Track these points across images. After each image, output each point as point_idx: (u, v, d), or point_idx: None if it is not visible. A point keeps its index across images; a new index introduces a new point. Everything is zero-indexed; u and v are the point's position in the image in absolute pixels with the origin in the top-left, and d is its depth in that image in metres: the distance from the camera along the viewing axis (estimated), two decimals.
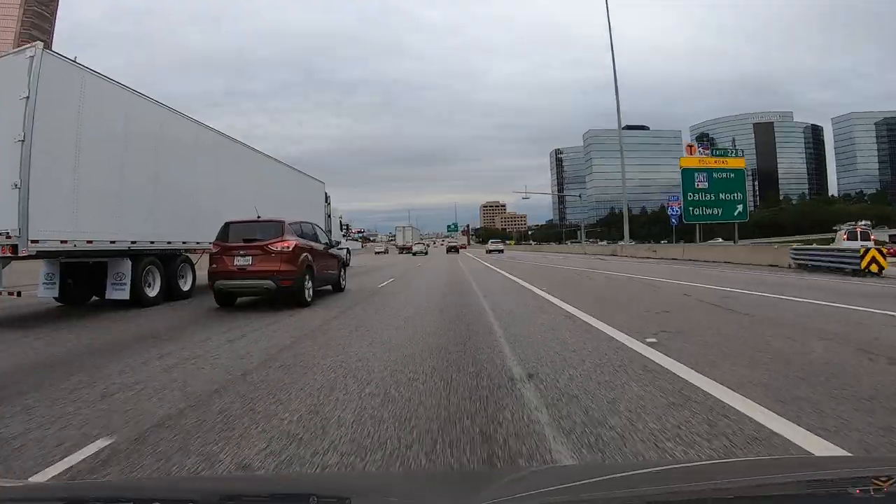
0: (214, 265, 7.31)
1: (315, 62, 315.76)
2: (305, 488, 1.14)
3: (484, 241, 57.27)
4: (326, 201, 19.85)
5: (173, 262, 9.16)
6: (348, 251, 23.04)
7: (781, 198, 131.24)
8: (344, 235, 23.87)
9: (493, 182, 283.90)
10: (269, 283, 6.97)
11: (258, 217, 7.80)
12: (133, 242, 7.94)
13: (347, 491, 1.04)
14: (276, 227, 7.34)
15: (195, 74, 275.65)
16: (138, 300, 7.97)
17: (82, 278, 8.42)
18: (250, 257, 7.04)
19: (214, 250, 7.36)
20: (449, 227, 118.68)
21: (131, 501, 0.97)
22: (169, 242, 9.00)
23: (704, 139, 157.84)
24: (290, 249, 7.15)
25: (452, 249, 46.92)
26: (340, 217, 23.22)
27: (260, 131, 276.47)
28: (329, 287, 9.58)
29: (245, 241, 7.22)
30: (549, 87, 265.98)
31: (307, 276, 7.52)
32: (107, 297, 7.99)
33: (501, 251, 40.90)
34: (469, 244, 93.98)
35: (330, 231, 18.96)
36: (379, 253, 50.27)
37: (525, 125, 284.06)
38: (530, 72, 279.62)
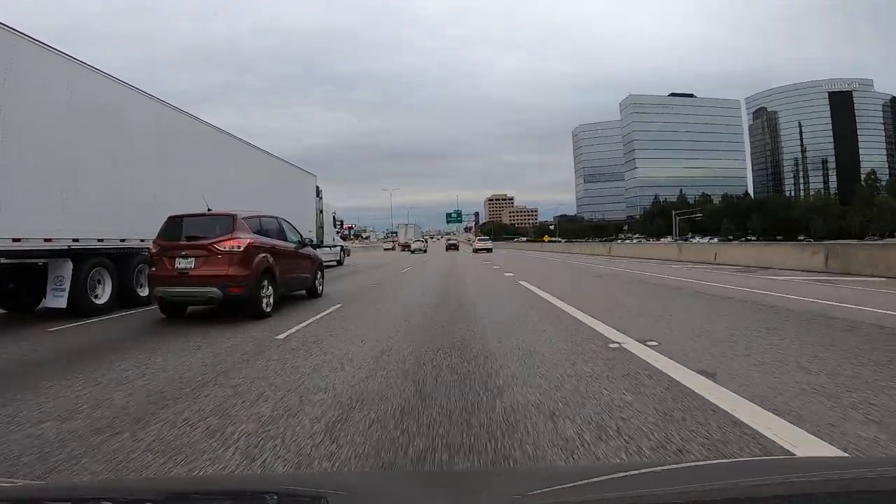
0: (154, 268, 6.71)
1: (314, 58, 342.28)
2: (279, 487, 1.18)
3: (491, 238, 57.04)
4: (318, 195, 19.57)
5: (129, 263, 8.68)
6: (342, 249, 23.67)
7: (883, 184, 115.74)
8: (338, 232, 23.92)
9: (495, 179, 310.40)
10: (214, 290, 6.28)
11: (209, 209, 7.14)
12: (75, 240, 7.40)
13: (324, 490, 1.07)
14: (226, 223, 6.64)
15: (192, 71, 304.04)
16: (82, 309, 7.48)
17: (29, 282, 8.01)
18: (193, 259, 6.37)
19: (154, 250, 6.74)
20: (449, 216, 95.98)
21: (126, 501, 1.03)
22: (122, 240, 8.53)
23: (763, 114, 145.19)
24: (241, 249, 6.44)
25: (452, 247, 50.49)
26: (334, 213, 23.01)
27: (256, 128, 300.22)
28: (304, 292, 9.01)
29: (188, 239, 6.58)
30: (549, 84, 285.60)
31: (265, 282, 6.80)
32: (45, 304, 7.51)
33: (490, 250, 41.82)
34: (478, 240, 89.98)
35: (322, 228, 19.41)
36: (387, 250, 58.20)
37: (525, 121, 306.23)
38: (530, 68, 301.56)
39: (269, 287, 6.87)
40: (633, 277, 12.36)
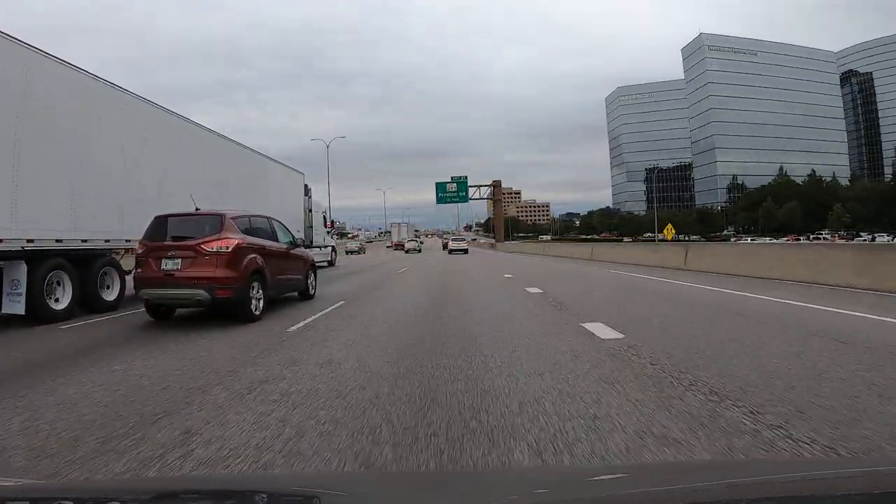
0: (140, 269, 7.71)
1: (313, 57, 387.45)
2: (276, 487, 1.40)
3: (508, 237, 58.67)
4: (307, 194, 21.73)
5: (92, 265, 9.44)
6: (333, 249, 26.08)
7: None
8: (329, 232, 26.32)
9: (496, 178, 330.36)
10: (201, 293, 7.26)
11: (196, 209, 8.16)
12: (30, 241, 8.08)
13: (320, 490, 1.26)
14: (214, 222, 7.65)
15: (186, 66, 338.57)
16: (39, 314, 8.15)
17: None
18: (179, 260, 7.37)
19: (140, 251, 7.75)
20: (443, 191, 73.54)
21: (125, 502, 1.19)
22: (84, 241, 9.24)
23: (852, 78, 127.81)
24: (230, 250, 7.44)
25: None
26: (324, 212, 25.12)
27: (256, 127, 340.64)
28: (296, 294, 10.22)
29: (174, 239, 7.57)
30: (550, 80, 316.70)
31: (255, 284, 7.81)
32: (2, 310, 8.07)
33: (465, 251, 45.13)
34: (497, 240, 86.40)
35: (311, 227, 21.39)
36: (389, 248, 69.73)
37: (526, 121, 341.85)
38: (531, 68, 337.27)
39: (259, 289, 7.91)
40: None
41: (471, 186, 74.86)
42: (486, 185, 78.27)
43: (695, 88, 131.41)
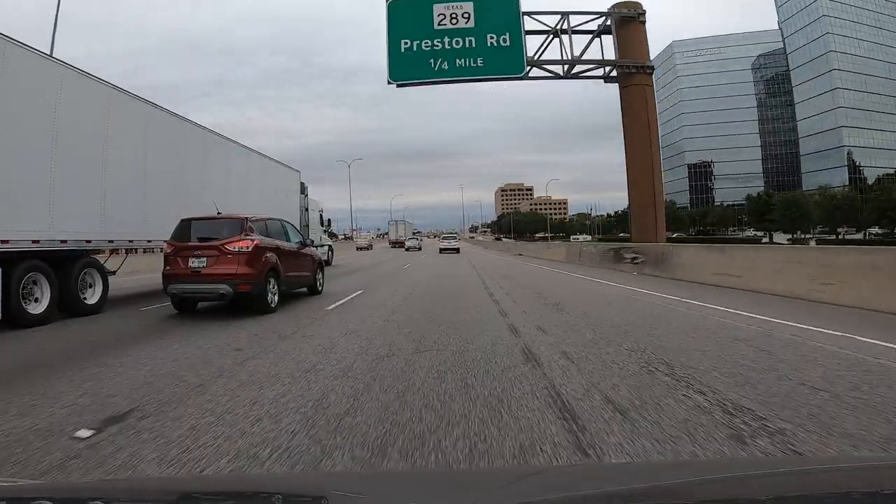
0: (168, 267, 9.26)
1: (312, 53, 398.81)
2: (279, 487, 1.53)
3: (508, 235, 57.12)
4: (304, 192, 22.80)
5: (71, 266, 9.69)
6: (330, 249, 27.54)
7: None
8: (326, 231, 27.42)
9: (502, 179, 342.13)
10: (225, 287, 8.83)
11: (218, 213, 9.78)
12: (4, 241, 8.25)
13: (324, 490, 1.38)
14: (236, 225, 9.28)
15: (184, 66, 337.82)
16: (15, 318, 8.35)
17: None
18: (205, 258, 8.95)
19: (168, 250, 9.31)
20: (399, 29, 27.06)
21: (130, 502, 1.32)
22: (63, 241, 9.44)
23: None
24: (249, 250, 9.08)
25: (450, 250, 50.82)
26: (321, 211, 26.14)
27: (256, 126, 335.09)
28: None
29: (200, 240, 9.14)
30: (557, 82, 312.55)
31: (271, 280, 9.46)
32: None
33: (457, 250, 47.00)
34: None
35: (307, 226, 22.67)
36: (388, 245, 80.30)
37: (531, 116, 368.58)
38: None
39: (274, 284, 9.57)
40: None
41: (530, 33, 30.11)
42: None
43: (798, 28, 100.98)
